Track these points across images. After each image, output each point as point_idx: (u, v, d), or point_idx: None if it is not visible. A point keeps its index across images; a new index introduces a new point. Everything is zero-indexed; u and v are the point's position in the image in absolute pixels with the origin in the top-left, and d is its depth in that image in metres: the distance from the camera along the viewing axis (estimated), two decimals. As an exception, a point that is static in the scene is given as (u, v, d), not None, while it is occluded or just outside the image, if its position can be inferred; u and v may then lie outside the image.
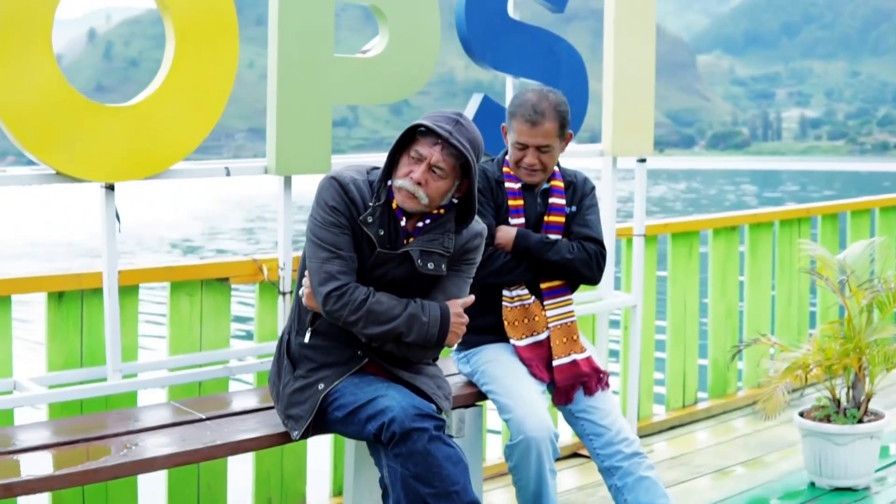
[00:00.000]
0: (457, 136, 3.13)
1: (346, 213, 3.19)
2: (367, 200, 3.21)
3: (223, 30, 3.62)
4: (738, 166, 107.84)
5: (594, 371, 3.79)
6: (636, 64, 4.89)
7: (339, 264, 3.17)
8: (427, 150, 3.16)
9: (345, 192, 3.19)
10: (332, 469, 4.43)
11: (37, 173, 3.39)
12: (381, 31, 4.06)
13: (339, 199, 3.19)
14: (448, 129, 3.13)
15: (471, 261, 3.36)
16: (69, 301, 3.73)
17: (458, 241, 3.29)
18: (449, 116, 3.19)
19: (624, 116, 4.87)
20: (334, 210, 3.18)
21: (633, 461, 3.66)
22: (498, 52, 4.38)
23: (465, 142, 3.14)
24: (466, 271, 3.35)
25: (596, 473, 3.98)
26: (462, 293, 3.33)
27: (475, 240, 3.35)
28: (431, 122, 3.15)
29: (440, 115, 3.19)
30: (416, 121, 3.18)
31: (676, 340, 5.77)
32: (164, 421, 3.44)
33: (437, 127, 3.13)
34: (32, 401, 3.54)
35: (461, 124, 3.17)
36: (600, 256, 3.84)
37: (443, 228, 3.26)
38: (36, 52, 3.27)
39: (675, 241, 5.73)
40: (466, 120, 3.21)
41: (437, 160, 3.15)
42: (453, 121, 3.17)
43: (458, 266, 3.33)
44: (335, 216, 3.18)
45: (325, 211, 3.19)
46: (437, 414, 3.13)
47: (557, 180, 3.89)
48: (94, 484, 3.67)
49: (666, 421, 5.64)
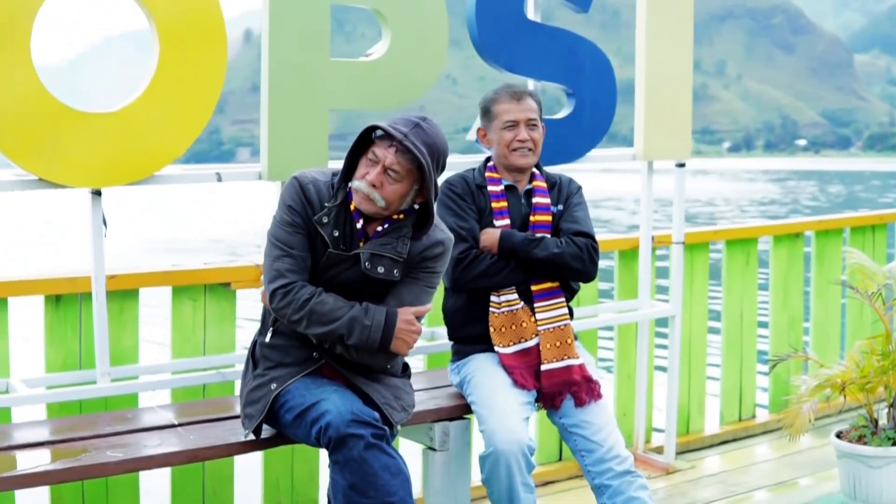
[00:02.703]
0: (412, 139, 3.06)
1: (301, 212, 3.17)
2: (325, 201, 3.17)
3: (210, 36, 3.61)
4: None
5: (585, 380, 3.66)
6: (671, 62, 4.70)
7: (289, 262, 3.15)
8: (382, 153, 3.11)
9: (303, 192, 3.17)
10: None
11: (19, 179, 3.44)
12: (383, 34, 3.99)
13: (296, 199, 3.17)
14: (404, 131, 3.07)
15: (430, 269, 3.27)
16: (67, 304, 3.77)
17: (415, 248, 3.22)
18: (409, 119, 3.12)
19: (658, 118, 4.69)
20: (290, 209, 3.17)
21: (623, 480, 3.52)
22: (513, 53, 4.26)
23: (422, 145, 3.07)
24: (425, 280, 3.27)
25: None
26: (417, 301, 3.25)
27: (435, 248, 3.26)
28: (388, 125, 3.09)
29: (401, 118, 3.14)
30: (374, 122, 3.12)
31: (732, 352, 5.54)
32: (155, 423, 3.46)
33: (392, 129, 3.07)
34: (24, 401, 3.59)
35: (420, 127, 3.10)
36: (592, 249, 3.71)
37: (398, 233, 3.19)
38: (14, 59, 3.30)
39: (731, 249, 5.49)
40: (430, 124, 3.14)
41: (392, 163, 3.09)
42: (412, 123, 3.10)
43: (415, 273, 3.25)
44: (291, 215, 3.17)
45: (283, 210, 3.19)
46: (376, 422, 3.04)
47: (540, 181, 3.81)
48: (77, 482, 3.71)
49: (717, 435, 5.42)
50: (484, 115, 3.82)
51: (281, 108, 3.75)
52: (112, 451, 3.12)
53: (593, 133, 4.51)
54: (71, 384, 3.73)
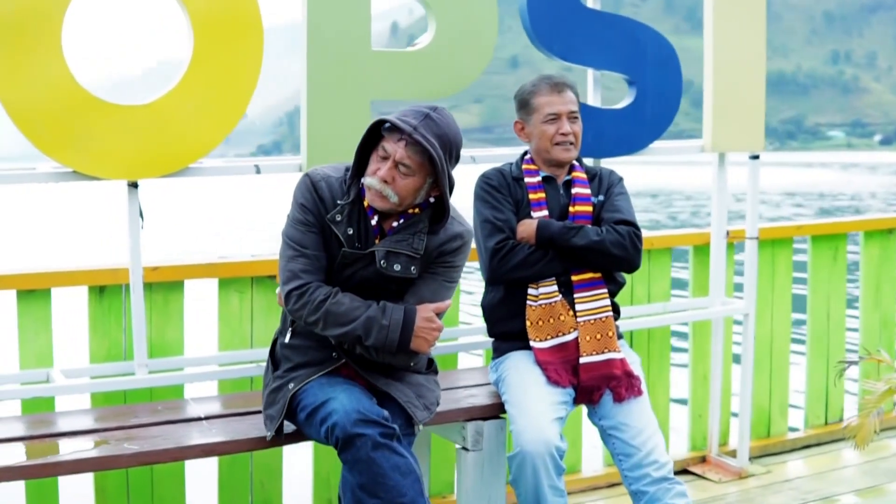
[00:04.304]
0: (422, 132, 2.97)
1: (314, 210, 3.10)
2: (338, 198, 3.10)
3: (246, 28, 3.58)
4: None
5: (626, 375, 3.51)
6: (743, 48, 4.49)
7: (303, 263, 3.08)
8: (392, 147, 3.02)
9: (315, 190, 3.10)
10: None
11: (55, 171, 3.48)
12: (428, 23, 3.91)
13: (308, 197, 3.10)
14: (413, 123, 2.97)
15: (449, 263, 3.17)
16: (110, 295, 3.80)
17: (432, 242, 3.12)
18: (419, 110, 3.03)
19: (728, 108, 4.49)
20: (303, 208, 3.11)
21: (660, 487, 3.36)
22: (568, 42, 4.12)
23: (433, 137, 2.98)
24: (444, 274, 3.17)
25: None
26: (437, 297, 3.15)
27: (454, 241, 3.16)
28: (397, 117, 3.00)
29: (411, 110, 3.04)
30: (382, 115, 3.03)
31: (818, 353, 5.29)
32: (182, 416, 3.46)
33: (401, 122, 2.98)
34: (62, 391, 3.62)
35: (430, 118, 3.00)
36: (634, 237, 3.56)
37: (414, 229, 3.10)
38: (45, 52, 3.33)
39: (816, 245, 5.24)
40: (441, 114, 3.03)
41: (402, 157, 3.01)
42: (422, 115, 3.01)
43: (433, 269, 3.16)
44: (303, 214, 3.10)
45: (296, 209, 3.13)
46: (385, 420, 2.97)
47: (579, 172, 3.68)
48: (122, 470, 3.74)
49: (801, 439, 5.18)
50: (522, 108, 3.69)
51: (320, 99, 3.71)
52: (129, 444, 3.12)
53: (656, 123, 4.34)
54: (113, 375, 3.76)
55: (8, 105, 3.32)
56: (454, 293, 3.26)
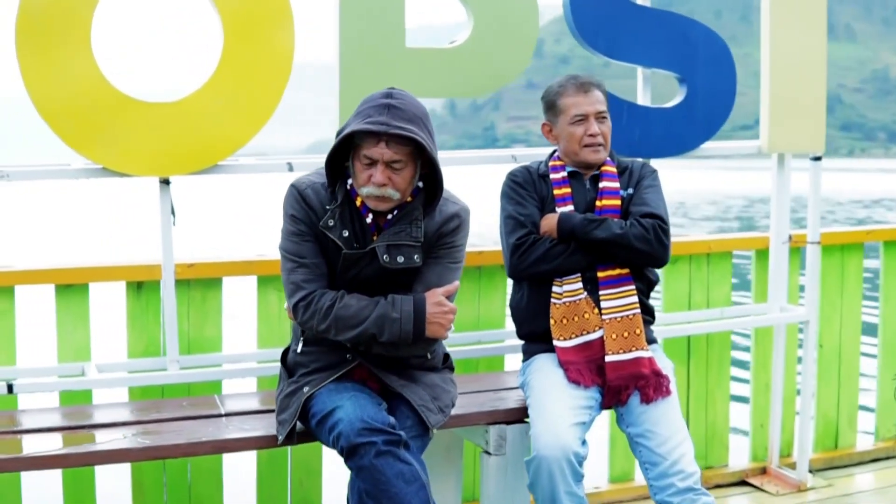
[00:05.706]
0: (396, 124, 2.91)
1: (305, 220, 3.07)
2: (327, 204, 3.07)
3: (276, 24, 3.58)
4: None
5: (654, 374, 3.40)
6: (803, 44, 4.32)
7: (304, 273, 3.07)
8: (375, 151, 2.95)
9: (303, 199, 3.07)
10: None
11: (85, 167, 3.52)
12: (467, 19, 3.85)
13: (297, 207, 3.08)
14: (383, 121, 2.91)
15: (450, 244, 3.12)
16: (148, 291, 3.84)
17: (430, 227, 3.08)
18: (379, 105, 2.95)
19: (786, 107, 4.33)
20: (294, 219, 3.08)
21: (685, 497, 3.24)
22: (613, 38, 4.02)
23: (407, 124, 2.92)
24: (447, 256, 3.12)
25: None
26: (444, 280, 3.10)
27: (451, 221, 3.11)
28: (365, 123, 2.92)
29: (369, 107, 2.96)
30: (350, 126, 2.96)
31: (888, 363, 5.06)
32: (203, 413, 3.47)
33: (371, 126, 2.91)
34: (97, 384, 3.67)
35: (394, 107, 2.94)
36: (660, 230, 3.43)
37: (409, 218, 3.06)
38: (75, 50, 3.38)
39: (889, 251, 5.02)
40: (398, 96, 2.97)
41: (390, 156, 2.95)
42: (384, 108, 2.93)
43: (435, 252, 3.11)
44: (295, 225, 3.08)
45: (287, 221, 3.11)
46: (391, 428, 2.92)
47: (609, 166, 3.58)
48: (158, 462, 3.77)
49: (870, 452, 4.98)
50: (549, 110, 3.60)
51: (353, 96, 3.66)
52: (142, 438, 3.14)
53: (709, 123, 4.21)
54: (150, 370, 3.80)
55: (38, 102, 3.38)
56: (461, 274, 3.20)
